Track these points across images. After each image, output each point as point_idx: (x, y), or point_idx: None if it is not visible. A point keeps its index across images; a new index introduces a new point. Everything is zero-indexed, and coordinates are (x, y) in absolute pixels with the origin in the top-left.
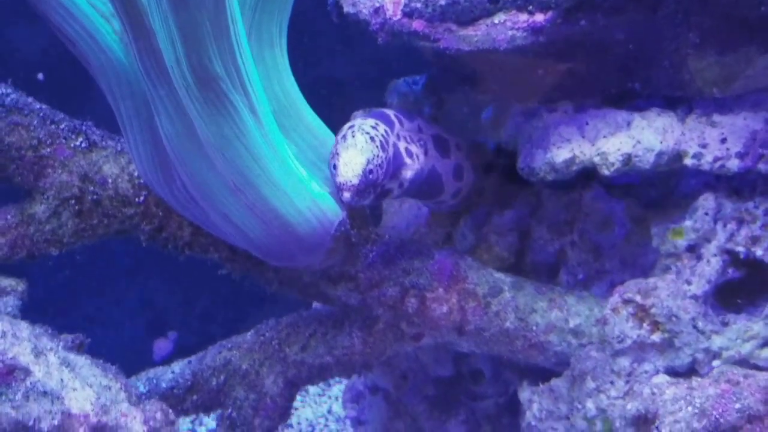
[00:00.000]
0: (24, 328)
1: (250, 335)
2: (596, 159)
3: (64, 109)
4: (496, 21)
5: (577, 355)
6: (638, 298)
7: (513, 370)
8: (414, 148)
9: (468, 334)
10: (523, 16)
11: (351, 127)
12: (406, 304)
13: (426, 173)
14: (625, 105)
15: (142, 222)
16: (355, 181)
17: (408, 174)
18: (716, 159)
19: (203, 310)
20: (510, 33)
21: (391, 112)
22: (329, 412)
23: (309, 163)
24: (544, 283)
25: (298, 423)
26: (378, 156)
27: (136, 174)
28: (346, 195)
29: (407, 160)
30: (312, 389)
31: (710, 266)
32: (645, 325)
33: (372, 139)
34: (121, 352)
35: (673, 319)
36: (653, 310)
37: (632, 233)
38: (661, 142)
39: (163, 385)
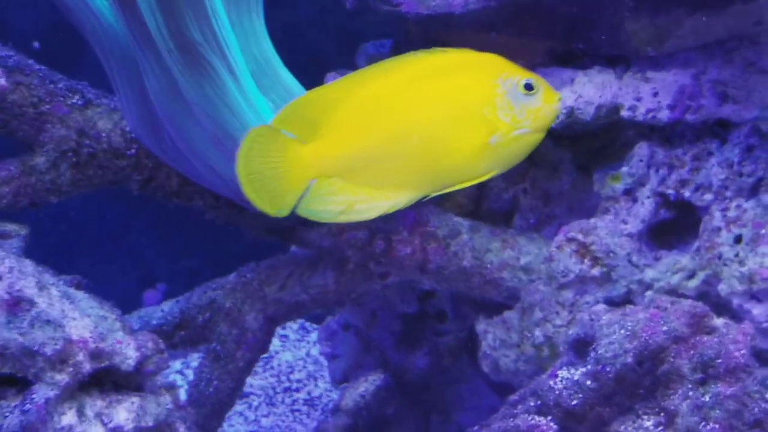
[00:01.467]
0: (28, 264)
1: (232, 277)
2: None
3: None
4: None
5: (527, 289)
6: (580, 237)
7: (472, 309)
8: None
9: (430, 272)
10: None
11: None
12: (374, 246)
13: None
14: (572, 64)
15: (134, 173)
16: None
17: None
18: (648, 111)
19: (190, 266)
20: None
21: None
22: (307, 355)
23: None
24: (500, 228)
25: (279, 365)
26: None
27: (127, 129)
28: None
29: None
30: (291, 335)
31: (644, 207)
32: (586, 260)
33: None
34: (115, 304)
35: (611, 254)
36: (593, 247)
37: (577, 181)
38: (600, 96)
39: (153, 322)
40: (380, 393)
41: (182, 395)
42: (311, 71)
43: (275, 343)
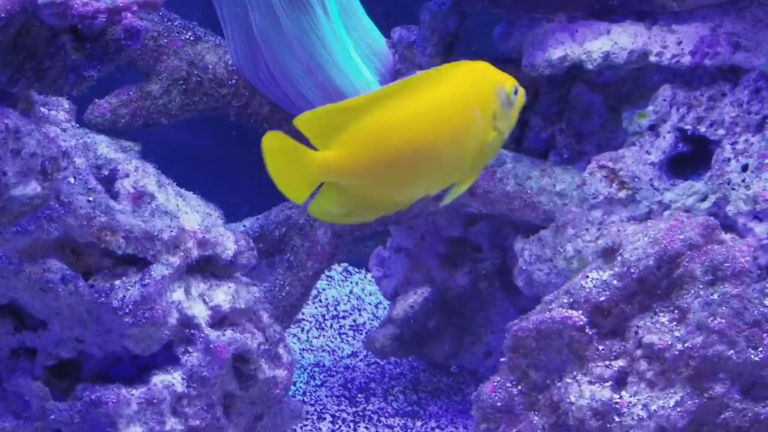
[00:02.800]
0: (149, 166)
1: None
2: (583, 56)
3: None
4: None
5: (561, 211)
6: (610, 164)
7: (509, 237)
8: None
9: (477, 195)
10: None
11: None
12: None
13: None
14: (606, 18)
15: (233, 100)
16: None
17: None
18: (674, 56)
19: None
20: None
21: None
22: (351, 292)
23: (364, 56)
24: (539, 159)
25: (326, 299)
26: None
27: (230, 62)
28: None
29: None
30: (336, 276)
31: (665, 141)
32: (614, 184)
33: None
34: None
35: (636, 179)
36: (621, 173)
37: (607, 121)
38: (633, 43)
39: None
40: (427, 304)
41: None
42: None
43: (322, 281)
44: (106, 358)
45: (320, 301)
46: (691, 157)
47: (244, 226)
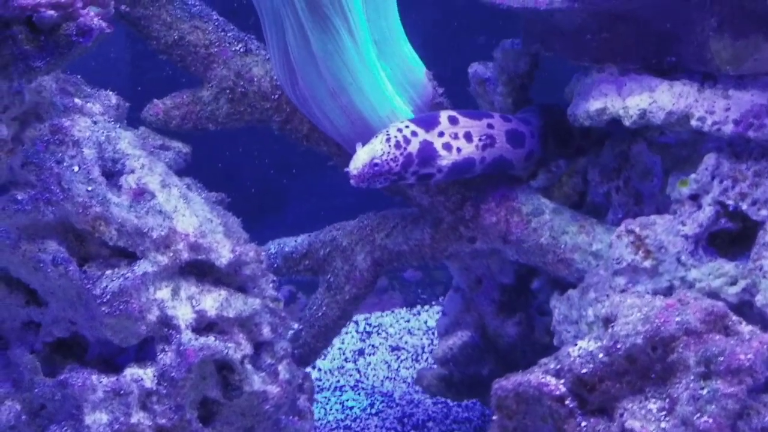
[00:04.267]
0: (160, 165)
1: (354, 221)
2: (620, 111)
3: None
4: None
5: (590, 272)
6: (637, 229)
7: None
8: (457, 143)
9: (511, 243)
10: None
11: (385, 131)
12: (464, 211)
13: (490, 160)
14: (668, 75)
15: (275, 114)
16: (355, 172)
17: (444, 162)
18: (715, 123)
19: None
20: None
21: (445, 115)
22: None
23: (398, 84)
24: (581, 214)
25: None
26: (388, 153)
27: (275, 77)
28: (351, 181)
29: (442, 152)
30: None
31: (704, 213)
32: (640, 252)
33: (387, 139)
34: None
35: (662, 250)
36: (647, 240)
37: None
38: (673, 104)
39: (286, 248)
40: (466, 348)
41: None
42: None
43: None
44: (109, 343)
45: (428, 333)
46: (737, 235)
47: (295, 240)
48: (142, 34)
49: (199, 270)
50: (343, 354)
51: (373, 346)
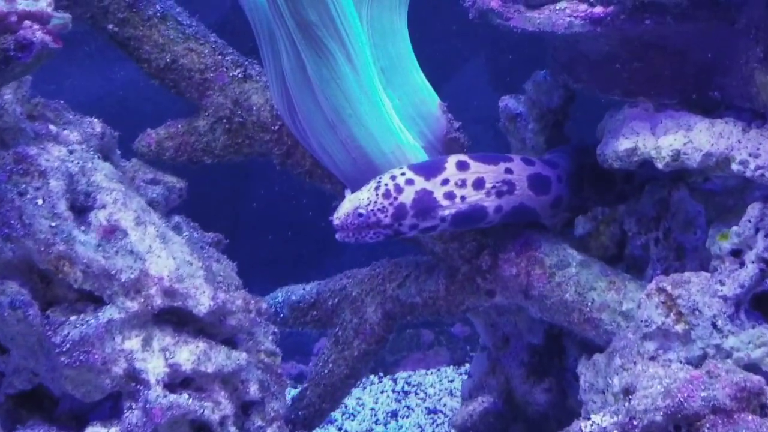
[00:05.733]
0: (135, 201)
1: (366, 269)
2: (652, 152)
3: None
4: (558, 7)
5: (618, 335)
6: (669, 288)
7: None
8: (462, 191)
9: (533, 298)
10: (583, 6)
11: (378, 178)
12: (481, 260)
13: (508, 208)
14: (712, 113)
15: (275, 147)
16: (337, 222)
17: (446, 212)
18: (759, 167)
19: None
20: (568, 20)
21: (453, 160)
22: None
23: (407, 117)
24: (636, 275)
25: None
26: (375, 202)
27: (275, 106)
28: (336, 234)
29: (443, 202)
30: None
31: (746, 272)
32: (671, 314)
33: (377, 187)
34: None
35: (695, 312)
36: (679, 301)
37: None
38: (712, 145)
39: (293, 297)
40: (487, 416)
41: None
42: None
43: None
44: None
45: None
46: None
47: (303, 288)
48: (132, 56)
49: (179, 318)
50: (375, 415)
51: (408, 407)
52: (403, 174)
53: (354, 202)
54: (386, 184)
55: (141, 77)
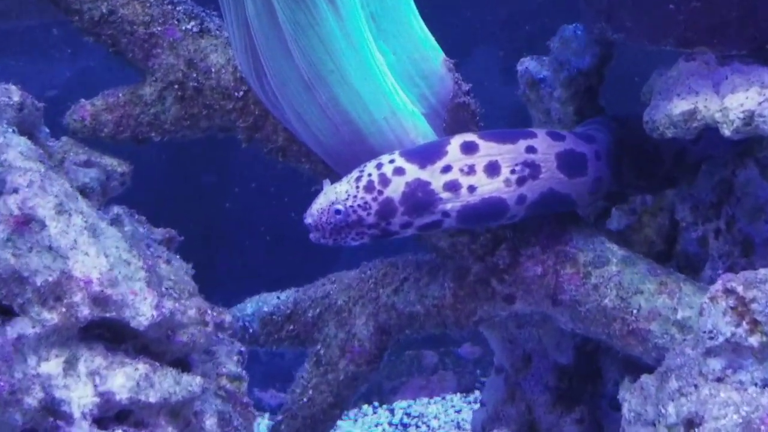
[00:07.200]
0: (59, 184)
1: (354, 271)
2: (717, 115)
3: None
4: None
5: (673, 349)
6: (740, 289)
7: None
8: (470, 179)
9: (563, 305)
10: None
11: (361, 166)
12: (497, 257)
13: (535, 197)
14: None
15: (240, 119)
16: (309, 221)
17: (449, 206)
18: None
19: None
20: None
21: (457, 141)
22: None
23: (404, 76)
24: (663, 267)
25: None
26: (355, 197)
27: (240, 67)
28: (311, 234)
29: (443, 194)
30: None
31: None
32: (744, 322)
33: (358, 178)
34: None
35: None
36: (755, 306)
37: None
38: None
39: (266, 308)
40: None
41: None
42: None
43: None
44: None
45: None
46: None
47: (278, 298)
48: (60, 7)
49: (114, 334)
50: None
51: None
52: (392, 161)
53: (330, 196)
54: (369, 174)
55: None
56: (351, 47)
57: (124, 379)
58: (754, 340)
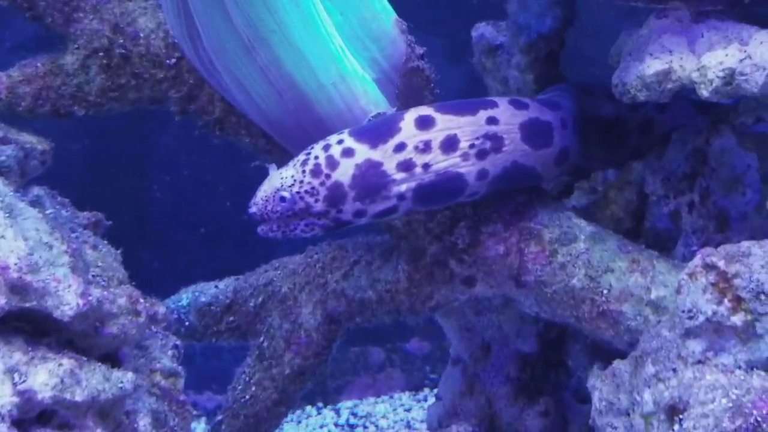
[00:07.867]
0: None
1: (299, 257)
2: (694, 75)
3: None
4: None
5: (648, 332)
6: (722, 264)
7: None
8: (425, 157)
9: (527, 286)
10: None
11: (308, 148)
12: (456, 235)
13: (497, 171)
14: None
15: (172, 88)
16: (253, 210)
17: (402, 188)
18: None
19: None
20: None
21: (411, 116)
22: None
23: (353, 37)
24: (634, 244)
25: None
26: (301, 182)
27: (171, 31)
28: (258, 228)
29: (396, 175)
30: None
31: None
32: (726, 300)
33: (304, 162)
34: None
35: (762, 297)
36: (736, 281)
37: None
38: None
39: (203, 299)
40: None
41: None
42: None
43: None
44: None
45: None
46: None
47: (216, 287)
48: None
49: (35, 326)
50: None
51: None
52: (340, 142)
53: (275, 183)
54: (316, 157)
55: None
56: (294, 4)
57: (46, 376)
58: (737, 319)
